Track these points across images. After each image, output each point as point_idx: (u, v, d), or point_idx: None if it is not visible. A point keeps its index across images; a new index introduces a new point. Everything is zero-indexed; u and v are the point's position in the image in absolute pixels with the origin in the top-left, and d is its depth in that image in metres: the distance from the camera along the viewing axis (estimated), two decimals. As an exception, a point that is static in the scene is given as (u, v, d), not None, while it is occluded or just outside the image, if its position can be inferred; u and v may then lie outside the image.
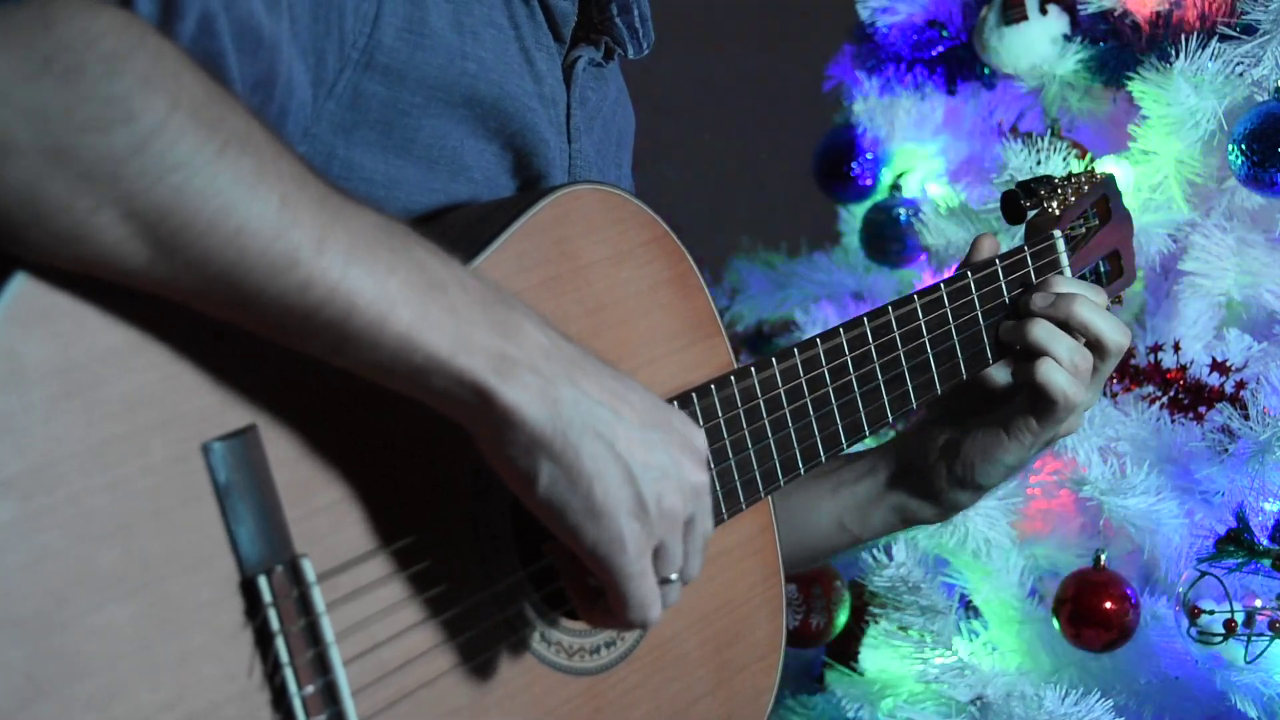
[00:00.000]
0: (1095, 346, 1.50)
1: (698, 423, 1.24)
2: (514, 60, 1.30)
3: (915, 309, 1.45)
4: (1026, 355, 1.50)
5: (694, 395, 1.28)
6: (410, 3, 1.20)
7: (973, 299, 1.50)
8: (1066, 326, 1.49)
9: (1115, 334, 1.50)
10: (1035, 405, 1.50)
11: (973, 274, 1.50)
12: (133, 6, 1.00)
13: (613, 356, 1.21)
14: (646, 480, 1.07)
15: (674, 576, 1.12)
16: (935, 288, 1.48)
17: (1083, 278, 1.62)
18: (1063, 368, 1.47)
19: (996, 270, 1.52)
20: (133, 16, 0.93)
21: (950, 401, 1.57)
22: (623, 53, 1.44)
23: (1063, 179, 1.62)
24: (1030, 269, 1.55)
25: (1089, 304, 1.49)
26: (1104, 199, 1.65)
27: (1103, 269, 1.67)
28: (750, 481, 1.32)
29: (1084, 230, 1.63)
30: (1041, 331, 1.48)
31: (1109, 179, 1.67)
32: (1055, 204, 1.60)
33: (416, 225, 1.05)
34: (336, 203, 0.99)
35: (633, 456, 1.07)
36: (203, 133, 0.92)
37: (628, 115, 1.53)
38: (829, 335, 1.40)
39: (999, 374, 1.57)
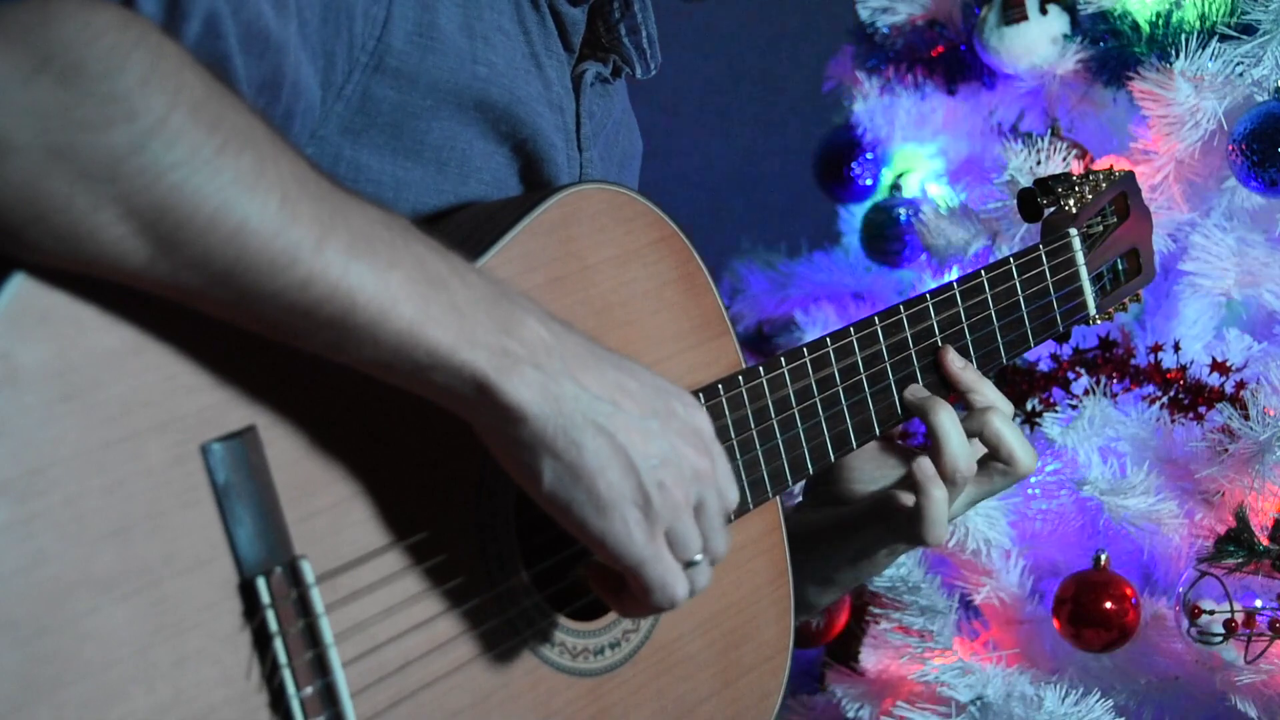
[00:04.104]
0: (1007, 462, 1.45)
1: (701, 404, 1.23)
2: (523, 65, 1.30)
3: (927, 308, 1.45)
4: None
5: (700, 395, 1.27)
6: (420, 6, 1.20)
7: (986, 298, 1.49)
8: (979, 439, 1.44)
9: (1028, 459, 1.45)
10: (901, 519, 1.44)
11: (987, 273, 1.50)
12: (136, 6, 1.00)
13: (619, 357, 1.20)
14: (646, 469, 1.08)
15: (698, 558, 1.13)
16: (948, 286, 1.47)
17: (1099, 275, 1.61)
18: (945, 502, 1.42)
19: (1011, 269, 1.51)
20: (133, 14, 0.92)
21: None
22: (630, 72, 1.44)
23: (1081, 176, 1.61)
24: (1045, 267, 1.54)
25: (1006, 421, 1.44)
26: (1123, 195, 1.64)
27: (1120, 266, 1.66)
28: (758, 482, 1.32)
29: (1102, 228, 1.62)
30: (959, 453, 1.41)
31: (1128, 176, 1.66)
32: (1072, 201, 1.59)
33: (422, 224, 1.05)
34: (337, 200, 0.99)
35: (633, 447, 1.07)
36: (202, 131, 0.92)
37: (633, 139, 1.53)
38: (839, 335, 1.39)
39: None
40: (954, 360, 1.46)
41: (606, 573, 1.15)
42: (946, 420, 1.42)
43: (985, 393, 1.45)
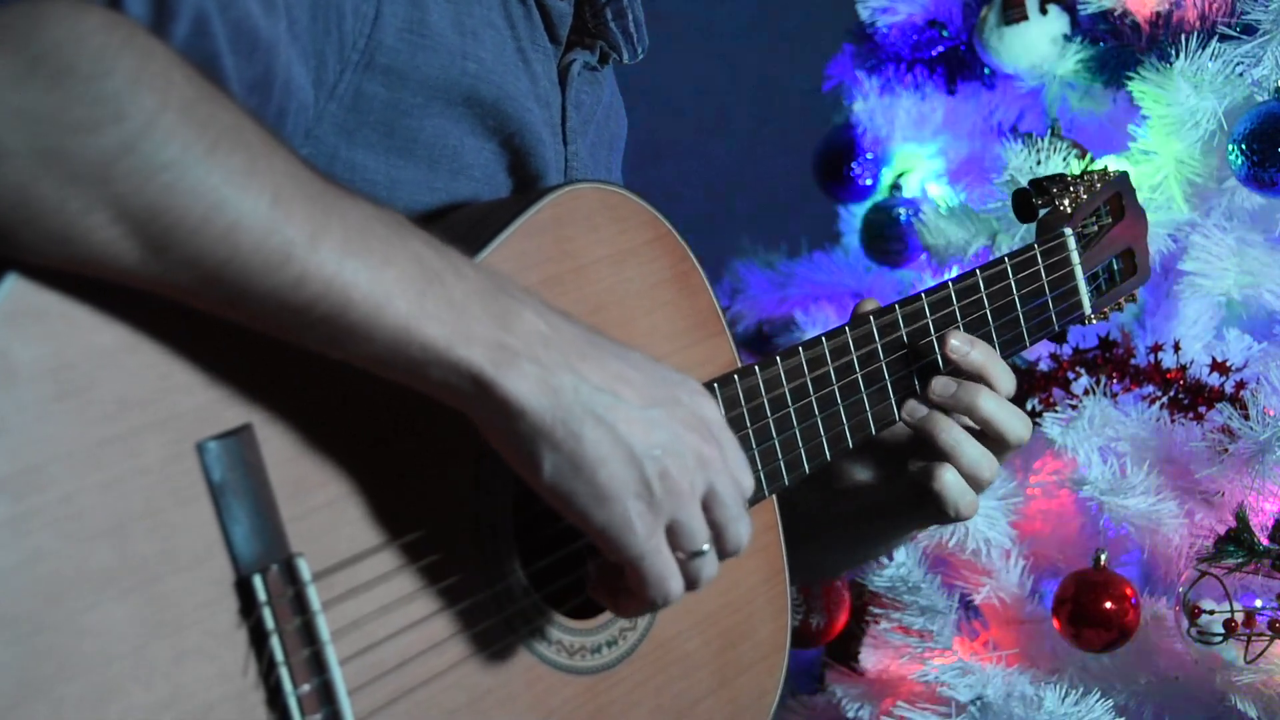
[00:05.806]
0: (995, 441, 1.43)
1: (710, 393, 1.22)
2: (511, 61, 1.30)
3: (922, 307, 1.44)
4: (925, 448, 1.43)
5: None
6: (410, 3, 1.20)
7: (981, 298, 1.49)
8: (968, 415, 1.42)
9: (1017, 429, 1.42)
10: (923, 503, 1.43)
11: (982, 273, 1.50)
12: (124, 7, 1.00)
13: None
14: (649, 460, 1.07)
15: (705, 548, 1.12)
16: (943, 286, 1.47)
17: (1095, 275, 1.61)
18: (962, 478, 1.41)
19: (1006, 269, 1.51)
20: (121, 16, 0.93)
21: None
22: (618, 57, 1.44)
23: (1075, 176, 1.61)
24: (1040, 266, 1.54)
25: (991, 397, 1.41)
26: (1117, 196, 1.65)
27: (1115, 266, 1.66)
28: (755, 483, 1.31)
29: (1096, 228, 1.63)
30: (950, 436, 1.40)
31: (1123, 176, 1.67)
32: (1067, 201, 1.59)
33: (417, 222, 1.05)
34: (331, 196, 0.99)
35: (634, 438, 1.07)
36: (192, 131, 0.92)
37: (620, 120, 1.53)
38: (834, 334, 1.39)
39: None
40: (958, 348, 1.41)
41: (605, 573, 1.15)
42: (955, 435, 1.40)
43: (995, 377, 1.42)
